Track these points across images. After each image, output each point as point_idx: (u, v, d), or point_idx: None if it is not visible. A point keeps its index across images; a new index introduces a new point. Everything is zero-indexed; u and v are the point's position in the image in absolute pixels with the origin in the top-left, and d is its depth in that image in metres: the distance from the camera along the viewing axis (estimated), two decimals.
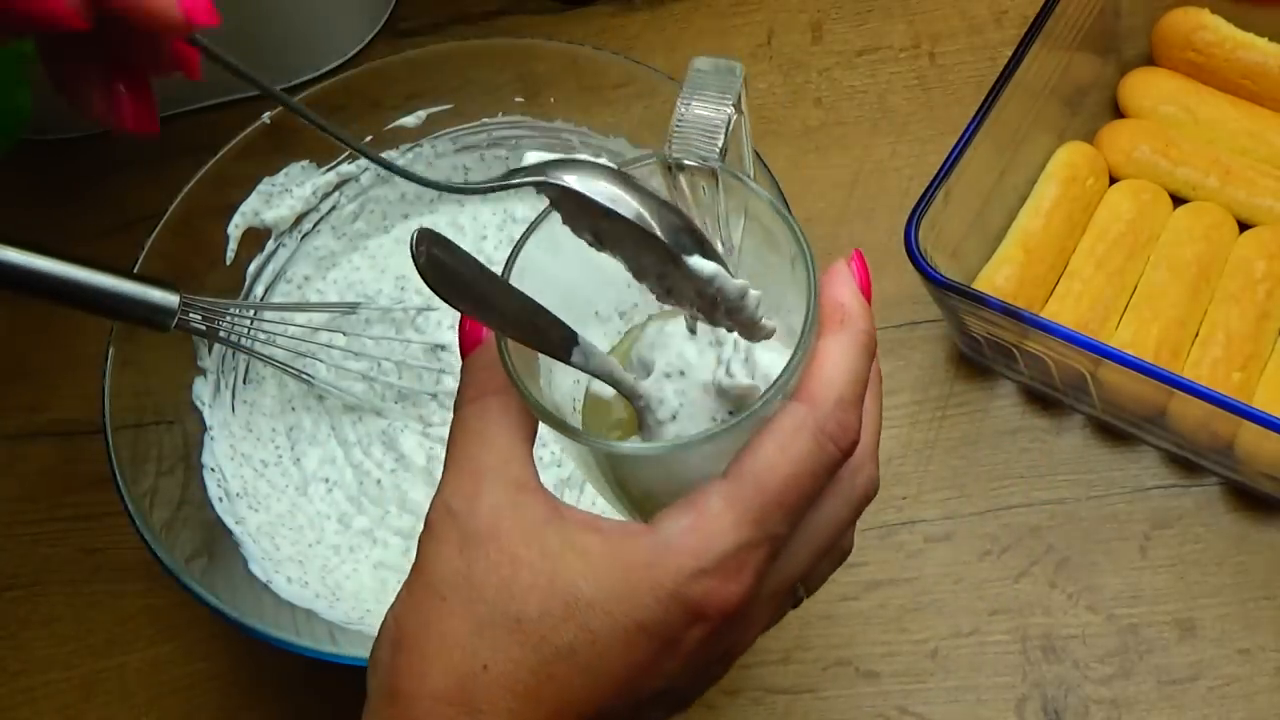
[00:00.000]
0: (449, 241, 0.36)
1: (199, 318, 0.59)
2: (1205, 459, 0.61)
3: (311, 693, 0.60)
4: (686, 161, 0.40)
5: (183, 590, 0.53)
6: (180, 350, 0.62)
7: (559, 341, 0.39)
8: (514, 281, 0.39)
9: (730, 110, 0.40)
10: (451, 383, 0.64)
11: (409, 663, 0.37)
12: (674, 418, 0.40)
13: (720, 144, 0.40)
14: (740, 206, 0.41)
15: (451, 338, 0.64)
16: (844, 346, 0.38)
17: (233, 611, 0.53)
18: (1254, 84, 0.68)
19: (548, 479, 0.60)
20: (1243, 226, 0.66)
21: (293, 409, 0.65)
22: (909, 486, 0.63)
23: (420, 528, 0.60)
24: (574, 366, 0.39)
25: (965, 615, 0.60)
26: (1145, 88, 0.69)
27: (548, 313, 0.39)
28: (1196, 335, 0.63)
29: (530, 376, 0.40)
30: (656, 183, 0.40)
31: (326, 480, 0.63)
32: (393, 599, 0.59)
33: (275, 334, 0.64)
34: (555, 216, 0.39)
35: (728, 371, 0.40)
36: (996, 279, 0.63)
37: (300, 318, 0.66)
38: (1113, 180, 0.68)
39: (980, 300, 0.58)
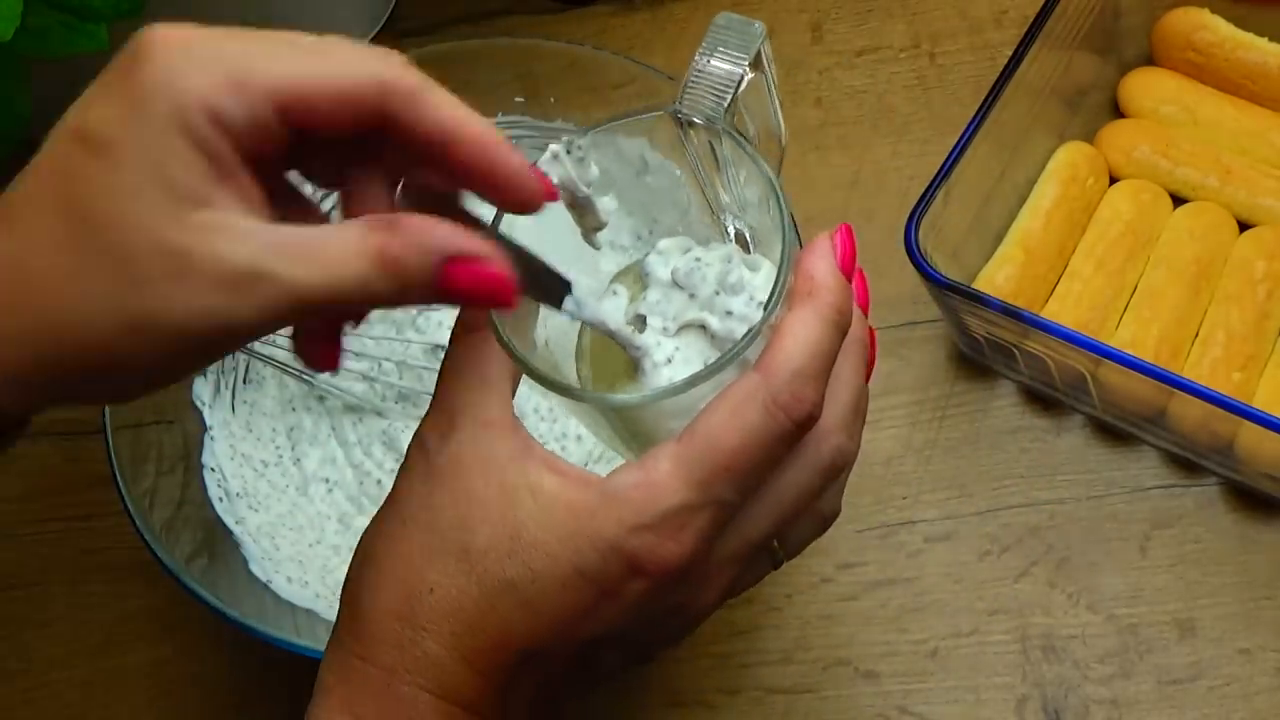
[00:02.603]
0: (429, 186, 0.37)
1: None
2: (1205, 459, 0.61)
3: (311, 693, 0.60)
4: (694, 119, 0.40)
5: (183, 590, 0.53)
6: None
7: (549, 290, 0.39)
8: (505, 228, 0.39)
9: (744, 69, 0.39)
10: None
11: (370, 578, 0.39)
12: (669, 361, 0.40)
13: (727, 102, 0.39)
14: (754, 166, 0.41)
15: None
16: (805, 319, 0.38)
17: (233, 611, 0.53)
18: (1254, 84, 0.68)
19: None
20: (1243, 226, 0.66)
21: (293, 409, 0.65)
22: (909, 486, 0.63)
23: None
24: (566, 315, 0.39)
25: (965, 615, 0.60)
26: (1145, 88, 0.69)
27: (538, 260, 0.38)
28: (1196, 335, 0.62)
29: (524, 316, 0.40)
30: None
31: (327, 480, 0.63)
32: None
33: (275, 334, 0.64)
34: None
35: (721, 316, 0.40)
36: (996, 279, 0.63)
37: None
38: (1113, 180, 0.68)
39: (980, 300, 0.58)
